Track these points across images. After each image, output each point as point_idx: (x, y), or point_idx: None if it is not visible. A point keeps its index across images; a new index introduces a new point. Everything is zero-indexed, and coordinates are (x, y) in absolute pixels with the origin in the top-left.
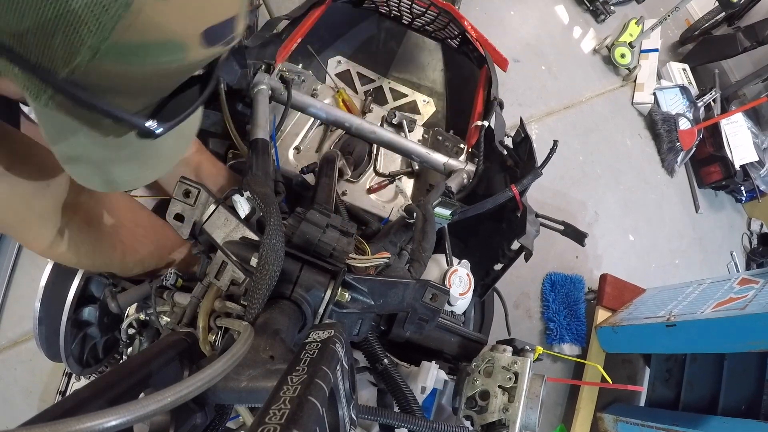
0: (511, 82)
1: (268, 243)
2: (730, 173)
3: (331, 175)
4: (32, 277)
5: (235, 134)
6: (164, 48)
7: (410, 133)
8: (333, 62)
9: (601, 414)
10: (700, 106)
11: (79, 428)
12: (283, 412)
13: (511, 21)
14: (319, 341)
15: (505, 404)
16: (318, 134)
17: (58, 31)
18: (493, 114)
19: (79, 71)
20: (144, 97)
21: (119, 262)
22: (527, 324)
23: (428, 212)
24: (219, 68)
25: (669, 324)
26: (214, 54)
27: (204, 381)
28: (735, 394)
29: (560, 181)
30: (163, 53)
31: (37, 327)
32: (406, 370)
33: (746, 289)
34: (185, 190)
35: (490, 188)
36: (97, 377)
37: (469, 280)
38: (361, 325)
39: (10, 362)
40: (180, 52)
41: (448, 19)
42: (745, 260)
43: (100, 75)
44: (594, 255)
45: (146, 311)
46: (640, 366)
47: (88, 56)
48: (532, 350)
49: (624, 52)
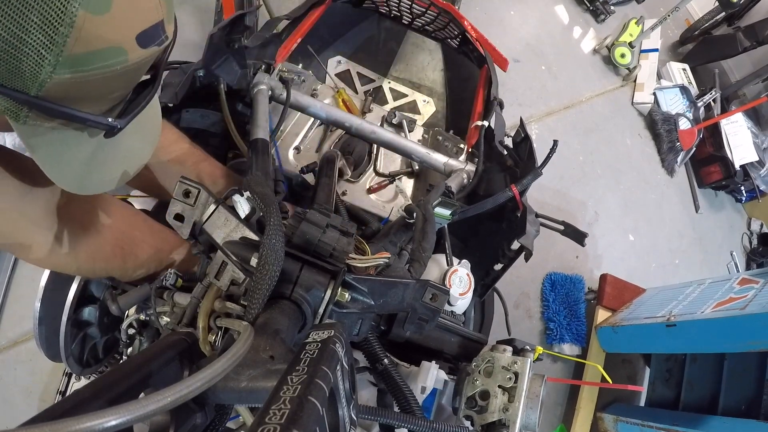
0: (511, 82)
1: (268, 243)
2: (730, 173)
3: (331, 175)
4: (32, 277)
5: (235, 134)
6: (108, 53)
7: (410, 133)
8: (333, 62)
9: (601, 414)
10: (700, 106)
11: (79, 428)
12: (283, 412)
13: (511, 21)
14: (319, 341)
15: (505, 404)
16: (318, 134)
17: (23, 55)
18: (493, 114)
19: (46, 86)
20: (104, 100)
21: (119, 267)
22: (527, 324)
23: (428, 212)
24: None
25: (669, 324)
26: (152, 54)
27: (204, 381)
28: (735, 394)
29: (560, 181)
30: (109, 57)
31: (37, 327)
32: (406, 370)
33: (746, 289)
34: (185, 190)
35: (490, 188)
36: (97, 377)
37: (469, 280)
38: (361, 325)
39: (10, 362)
40: (122, 54)
41: (448, 19)
42: (745, 260)
43: (63, 87)
44: (594, 255)
45: (146, 311)
46: (640, 366)
47: (50, 69)
48: (532, 350)
49: (624, 52)
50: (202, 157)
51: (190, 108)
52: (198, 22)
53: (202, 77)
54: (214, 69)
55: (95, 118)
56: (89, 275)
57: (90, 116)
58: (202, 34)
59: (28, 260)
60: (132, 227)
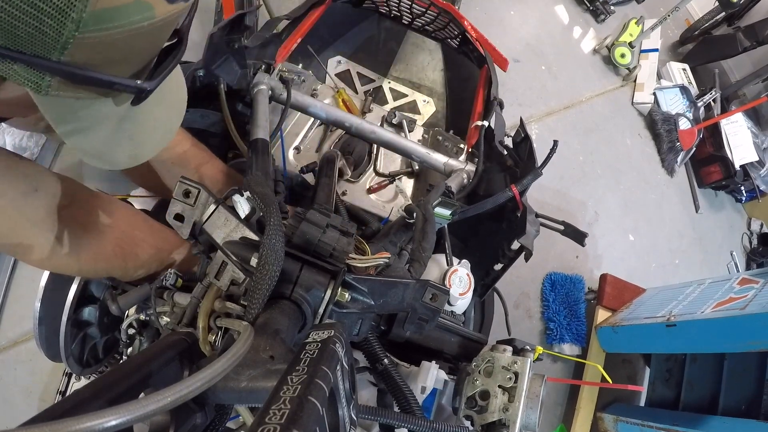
0: (511, 82)
1: (268, 243)
2: (730, 173)
3: (331, 175)
4: (32, 277)
5: (235, 134)
6: (135, 8)
7: (410, 133)
8: (333, 62)
9: (601, 414)
10: (700, 106)
11: (79, 428)
12: (283, 412)
13: (511, 21)
14: (319, 341)
15: (505, 404)
16: (318, 134)
17: (43, 15)
18: (493, 114)
19: (69, 49)
20: (130, 63)
21: (121, 267)
22: (527, 324)
23: (428, 212)
24: (187, 34)
25: (669, 324)
26: (179, 10)
27: (204, 381)
28: (735, 394)
29: (560, 181)
30: (135, 12)
31: (37, 327)
32: (406, 370)
33: (746, 289)
34: (185, 190)
35: (490, 188)
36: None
37: (469, 280)
38: (361, 325)
39: (10, 362)
40: (148, 10)
41: (448, 19)
42: (745, 260)
43: (87, 49)
44: (594, 255)
45: (146, 311)
46: (640, 366)
47: (72, 28)
48: (532, 350)
49: (624, 52)
50: (203, 157)
51: (190, 108)
52: (198, 22)
53: (202, 77)
54: (214, 69)
55: (123, 80)
56: (91, 275)
57: (117, 78)
58: (202, 34)
59: (29, 262)
60: (133, 227)
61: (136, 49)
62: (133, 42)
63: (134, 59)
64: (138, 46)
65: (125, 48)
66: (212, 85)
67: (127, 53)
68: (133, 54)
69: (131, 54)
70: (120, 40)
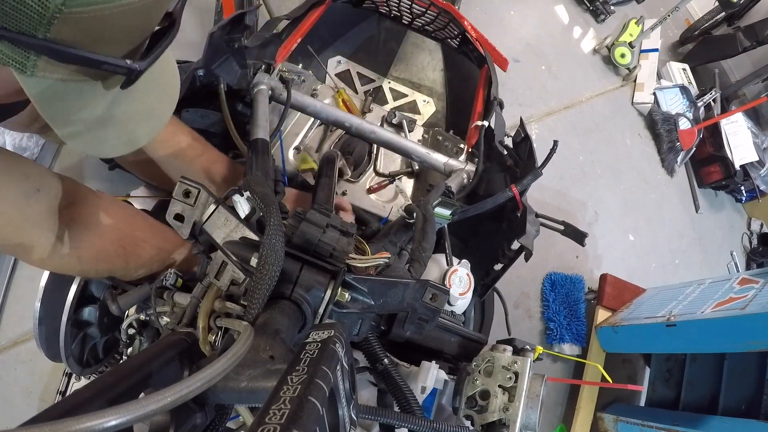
0: (511, 82)
1: (268, 243)
2: (730, 173)
3: (331, 175)
4: (32, 277)
5: (235, 134)
6: None
7: (410, 133)
8: (333, 62)
9: (601, 414)
10: (700, 106)
11: (79, 428)
12: (283, 412)
13: (511, 21)
14: (319, 341)
15: (506, 404)
16: (318, 134)
17: None
18: (493, 114)
19: (55, 25)
20: (120, 43)
21: (122, 267)
22: (527, 324)
23: (428, 212)
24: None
25: (669, 324)
26: None
27: (204, 381)
28: (735, 394)
29: (560, 181)
30: None
31: (37, 327)
32: (406, 370)
33: (746, 289)
34: (185, 190)
35: (490, 188)
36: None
37: (469, 280)
38: (361, 325)
39: (10, 362)
40: None
41: (448, 19)
42: (745, 260)
43: (74, 26)
44: (594, 255)
45: (146, 311)
46: (640, 366)
47: (59, 2)
48: (532, 350)
49: (624, 52)
50: (211, 158)
51: (190, 108)
52: (198, 22)
53: (202, 77)
54: (214, 69)
55: (112, 59)
56: (92, 275)
57: (106, 58)
58: (202, 33)
59: (30, 262)
60: (133, 227)
61: (127, 28)
62: (123, 20)
63: (124, 39)
64: (128, 24)
65: (115, 26)
66: (212, 84)
67: (116, 32)
68: (124, 34)
69: (121, 33)
70: (109, 17)
